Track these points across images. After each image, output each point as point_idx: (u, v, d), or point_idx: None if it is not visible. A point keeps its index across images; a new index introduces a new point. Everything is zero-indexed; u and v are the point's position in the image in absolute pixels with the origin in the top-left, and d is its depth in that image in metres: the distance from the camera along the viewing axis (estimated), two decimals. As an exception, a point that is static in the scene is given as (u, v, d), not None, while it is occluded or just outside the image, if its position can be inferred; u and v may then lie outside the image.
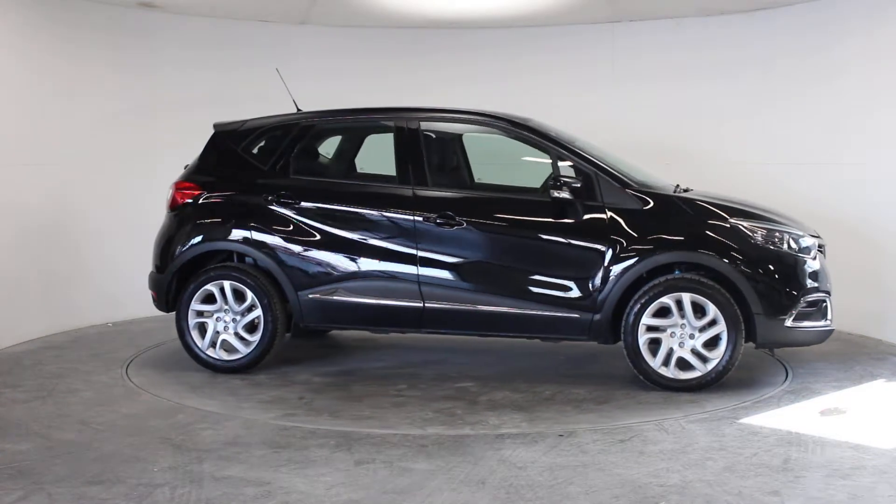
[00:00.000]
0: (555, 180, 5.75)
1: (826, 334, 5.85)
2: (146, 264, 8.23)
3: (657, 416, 5.16)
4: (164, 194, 8.37)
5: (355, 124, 6.63)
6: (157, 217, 8.32)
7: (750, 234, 5.67)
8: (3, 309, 6.92)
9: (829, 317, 5.82)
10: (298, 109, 6.67)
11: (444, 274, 5.90)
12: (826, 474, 4.24)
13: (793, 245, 5.74)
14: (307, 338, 7.24)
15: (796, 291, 5.64)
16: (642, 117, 8.43)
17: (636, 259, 5.66)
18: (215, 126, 6.64)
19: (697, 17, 8.27)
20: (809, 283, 5.71)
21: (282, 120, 6.48)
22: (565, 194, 5.72)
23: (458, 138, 6.75)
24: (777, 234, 5.73)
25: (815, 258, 5.80)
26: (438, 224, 5.89)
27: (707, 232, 5.68)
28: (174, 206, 6.46)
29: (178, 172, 8.15)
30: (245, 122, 6.56)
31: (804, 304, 5.67)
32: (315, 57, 8.78)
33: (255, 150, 6.43)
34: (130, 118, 8.10)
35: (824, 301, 5.79)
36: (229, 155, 6.43)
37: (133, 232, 8.12)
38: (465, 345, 6.89)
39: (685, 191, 6.13)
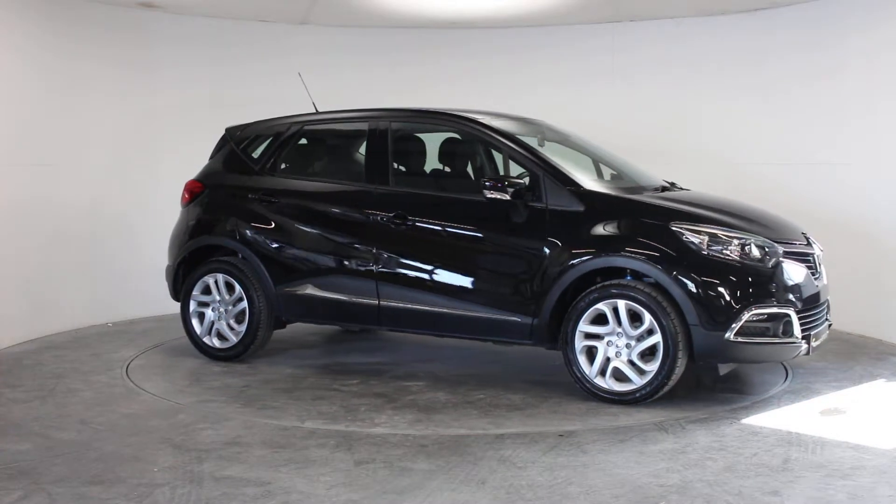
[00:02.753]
0: (494, 181, 5.61)
1: (790, 351, 5.34)
2: (145, 264, 8.26)
3: (658, 417, 5.17)
4: (162, 194, 8.41)
5: (333, 126, 6.77)
6: (156, 217, 8.34)
7: (691, 238, 5.27)
8: (3, 309, 6.92)
9: (795, 333, 5.28)
10: (317, 111, 6.83)
11: (397, 273, 5.96)
12: (826, 474, 4.24)
13: (750, 253, 5.28)
14: (356, 333, 7.50)
15: (739, 302, 5.16)
16: (642, 117, 8.43)
17: (571, 263, 5.43)
18: (226, 129, 6.95)
19: (697, 17, 8.27)
20: (762, 294, 5.23)
21: (275, 122, 6.76)
22: (499, 195, 5.59)
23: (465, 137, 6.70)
24: (725, 239, 5.28)
25: (775, 267, 5.32)
26: (392, 224, 5.96)
27: (641, 236, 5.35)
28: (184, 203, 6.84)
29: (176, 172, 8.17)
30: (249, 124, 6.87)
31: (754, 318, 5.18)
32: (315, 57, 8.77)
33: (250, 151, 6.74)
34: (129, 117, 8.09)
35: (787, 316, 5.26)
36: (231, 155, 6.79)
37: (132, 232, 8.14)
38: (476, 347, 6.85)
39: (671, 190, 6.06)
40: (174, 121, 8.35)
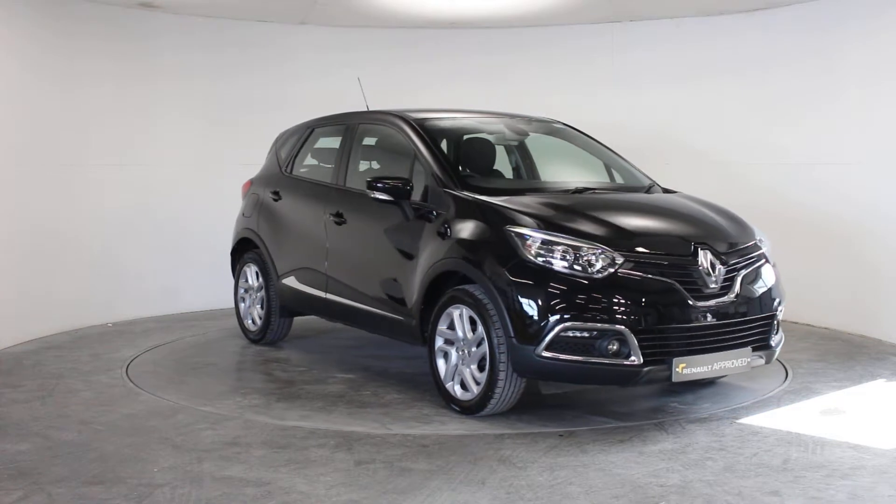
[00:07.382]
0: (381, 181, 5.58)
1: (625, 375, 4.73)
2: (145, 264, 8.27)
3: (657, 417, 5.17)
4: (161, 193, 8.42)
5: (328, 127, 6.96)
6: (154, 216, 8.35)
7: (517, 242, 4.89)
8: (4, 309, 6.91)
9: (633, 355, 4.69)
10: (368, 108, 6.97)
11: (336, 268, 6.21)
12: (826, 474, 4.24)
13: (578, 261, 4.78)
14: None
15: (549, 314, 4.69)
16: (642, 117, 8.44)
17: (430, 265, 5.30)
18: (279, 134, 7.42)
19: (697, 17, 8.28)
20: (584, 307, 4.69)
21: (301, 125, 7.17)
22: (381, 195, 5.59)
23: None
24: (552, 245, 4.83)
25: (608, 278, 4.75)
26: (335, 222, 6.19)
27: (479, 240, 5.07)
28: (243, 198, 7.45)
29: (175, 171, 8.17)
30: (290, 128, 7.32)
31: (571, 332, 4.68)
32: (315, 57, 8.78)
33: (281, 152, 7.20)
34: (128, 117, 8.10)
35: (619, 334, 4.67)
36: (272, 156, 7.31)
37: (132, 231, 8.14)
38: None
39: (594, 191, 5.76)
40: (173, 120, 8.35)
